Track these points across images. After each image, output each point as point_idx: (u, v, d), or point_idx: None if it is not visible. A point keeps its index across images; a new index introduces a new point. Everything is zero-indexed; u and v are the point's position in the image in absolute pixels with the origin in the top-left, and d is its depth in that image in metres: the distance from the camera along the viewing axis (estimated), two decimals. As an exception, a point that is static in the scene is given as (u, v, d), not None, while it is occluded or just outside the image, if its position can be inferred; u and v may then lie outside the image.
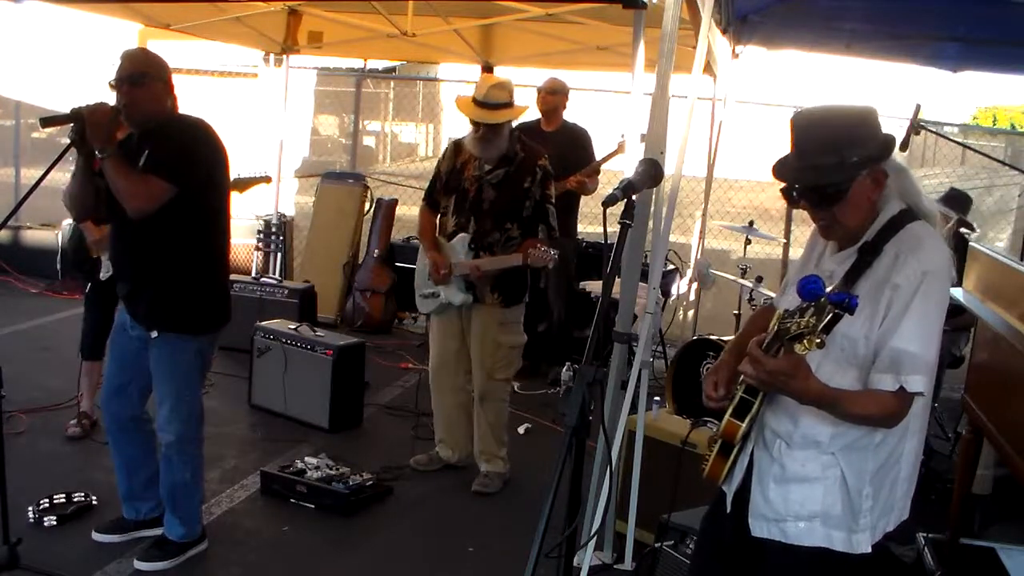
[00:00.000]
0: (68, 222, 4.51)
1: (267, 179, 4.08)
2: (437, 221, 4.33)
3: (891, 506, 2.07)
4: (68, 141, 3.09)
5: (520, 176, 4.10)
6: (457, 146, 4.24)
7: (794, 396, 1.96)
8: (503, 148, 4.09)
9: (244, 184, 3.82)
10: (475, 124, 4.05)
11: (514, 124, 5.96)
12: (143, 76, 3.09)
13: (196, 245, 3.24)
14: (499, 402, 4.34)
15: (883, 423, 1.98)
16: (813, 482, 2.02)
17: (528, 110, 4.29)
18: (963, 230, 5.08)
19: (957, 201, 5.15)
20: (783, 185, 2.05)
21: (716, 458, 2.15)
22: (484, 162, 4.11)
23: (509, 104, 4.05)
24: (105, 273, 4.33)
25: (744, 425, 2.05)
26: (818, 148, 1.97)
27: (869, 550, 2.02)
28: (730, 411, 2.08)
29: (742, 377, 2.03)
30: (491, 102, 4.00)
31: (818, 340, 1.72)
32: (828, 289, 1.76)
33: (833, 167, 1.95)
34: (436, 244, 4.25)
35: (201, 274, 3.29)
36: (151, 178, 3.06)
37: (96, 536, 3.50)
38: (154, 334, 3.26)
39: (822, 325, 1.71)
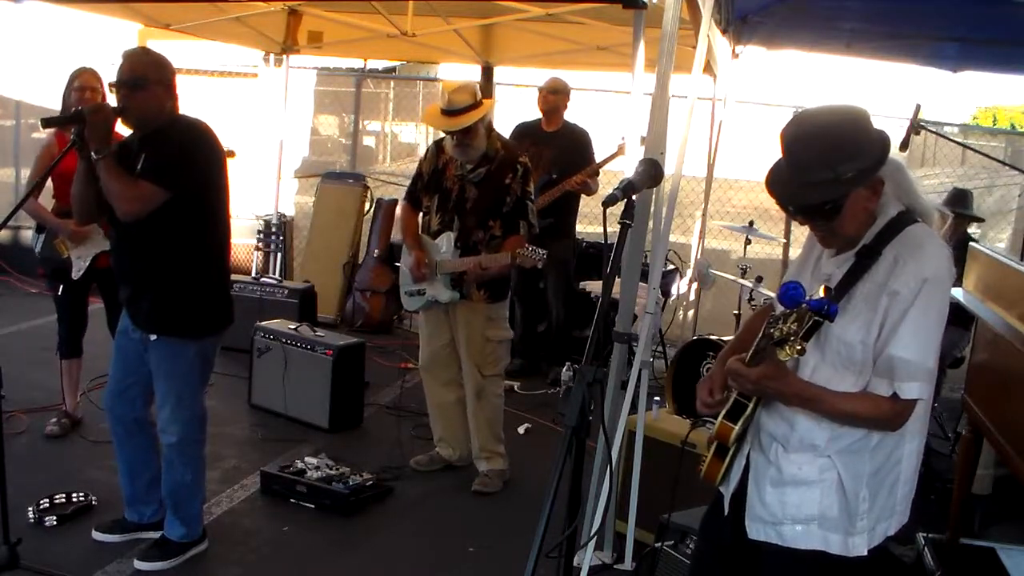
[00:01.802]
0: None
1: (230, 154, 4.07)
2: (419, 220, 4.34)
3: (892, 509, 2.06)
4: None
5: (501, 174, 4.11)
6: (439, 146, 4.27)
7: (778, 397, 1.99)
8: (481, 148, 4.10)
9: None
10: (448, 133, 4.08)
11: (516, 125, 6.06)
12: (143, 80, 3.07)
13: (195, 248, 3.23)
14: (494, 398, 4.35)
15: (879, 425, 1.98)
16: (810, 485, 2.02)
17: (496, 103, 4.29)
18: (970, 229, 5.08)
19: (959, 200, 5.14)
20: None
21: (712, 459, 2.15)
22: (465, 162, 4.13)
23: (473, 105, 4.03)
24: (77, 272, 4.33)
25: (737, 427, 2.05)
26: (811, 165, 1.91)
27: (865, 553, 2.01)
28: (723, 413, 2.08)
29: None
30: (454, 108, 4.00)
31: (799, 347, 1.73)
32: (809, 295, 1.77)
33: (828, 184, 1.90)
34: (418, 242, 4.27)
35: (200, 277, 3.28)
36: (143, 182, 3.04)
37: (96, 535, 3.49)
38: (153, 337, 3.25)
39: (803, 332, 1.72)
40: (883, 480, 2.03)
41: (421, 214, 4.33)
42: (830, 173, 1.89)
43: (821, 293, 1.81)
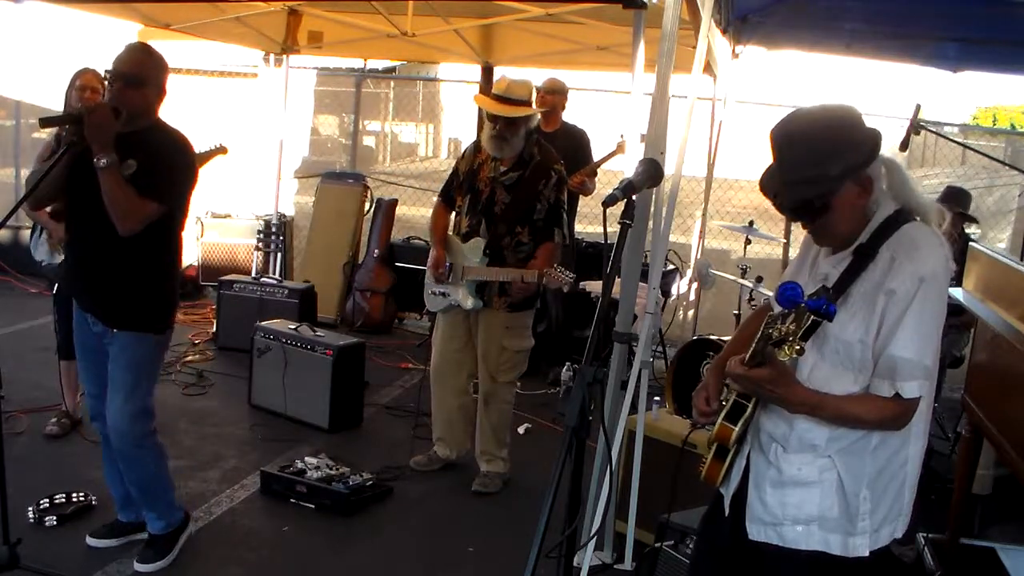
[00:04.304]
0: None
1: (223, 150, 4.03)
2: (451, 219, 4.32)
3: (899, 511, 2.06)
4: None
5: (534, 180, 4.09)
6: (477, 146, 4.24)
7: (780, 403, 1.98)
8: (518, 148, 4.07)
9: (200, 160, 3.79)
10: (492, 119, 4.04)
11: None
12: (138, 80, 3.07)
13: (162, 246, 3.22)
14: (503, 404, 4.34)
15: (883, 426, 1.97)
16: (810, 486, 2.02)
17: (539, 115, 4.28)
18: (968, 229, 5.08)
19: (956, 198, 5.14)
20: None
21: (712, 461, 2.14)
22: (499, 164, 4.11)
23: (528, 103, 4.05)
24: None
25: (737, 429, 2.05)
26: (797, 164, 1.92)
27: (867, 554, 2.01)
28: (723, 415, 2.07)
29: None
30: (511, 97, 4.00)
31: (798, 347, 1.73)
32: (808, 295, 1.76)
33: (813, 182, 1.91)
34: (443, 242, 4.25)
35: (165, 273, 3.28)
36: (148, 201, 3.03)
37: (91, 541, 3.46)
38: (115, 331, 3.22)
39: (801, 332, 1.72)
40: (890, 482, 2.02)
41: (453, 214, 4.32)
42: (817, 170, 1.90)
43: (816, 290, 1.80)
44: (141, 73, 3.08)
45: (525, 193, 4.08)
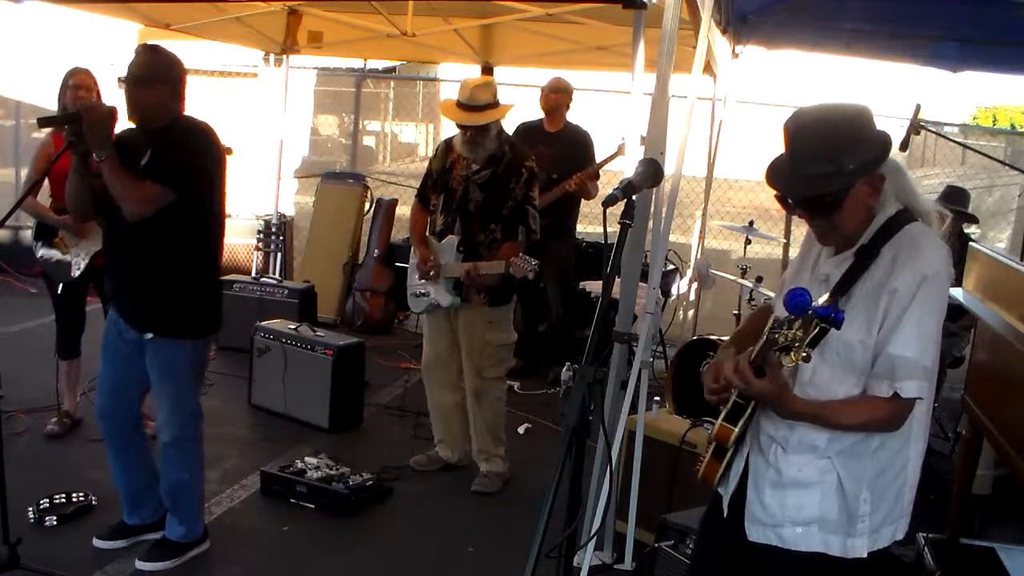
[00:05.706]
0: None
1: (228, 151, 4.06)
2: (428, 219, 4.34)
3: (900, 512, 2.05)
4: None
5: (507, 177, 4.10)
6: (448, 145, 4.25)
7: (780, 414, 1.97)
8: (491, 148, 4.09)
9: None
10: (461, 127, 4.05)
11: (518, 124, 6.05)
12: (147, 79, 3.10)
13: (193, 249, 3.23)
14: (495, 401, 4.34)
15: (880, 428, 1.97)
16: (810, 487, 2.01)
17: (513, 108, 4.28)
18: (967, 229, 5.07)
19: (955, 197, 5.15)
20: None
21: (710, 460, 2.14)
22: (472, 162, 4.12)
23: (494, 104, 4.04)
24: (76, 270, 4.32)
25: (737, 429, 2.04)
26: (813, 156, 1.91)
27: (865, 555, 2.01)
28: (723, 415, 2.06)
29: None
30: (475, 104, 3.99)
31: (804, 354, 1.72)
32: (818, 301, 1.75)
33: (829, 176, 1.90)
34: (424, 241, 4.26)
35: (197, 277, 3.28)
36: (149, 184, 3.04)
37: (97, 543, 3.46)
38: (148, 336, 3.24)
39: (809, 339, 1.71)
40: (890, 483, 2.02)
41: (430, 213, 4.33)
42: (832, 165, 1.90)
43: (825, 298, 1.79)
44: (148, 72, 3.12)
45: (498, 191, 4.10)
